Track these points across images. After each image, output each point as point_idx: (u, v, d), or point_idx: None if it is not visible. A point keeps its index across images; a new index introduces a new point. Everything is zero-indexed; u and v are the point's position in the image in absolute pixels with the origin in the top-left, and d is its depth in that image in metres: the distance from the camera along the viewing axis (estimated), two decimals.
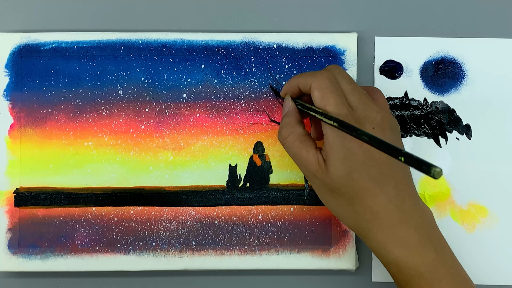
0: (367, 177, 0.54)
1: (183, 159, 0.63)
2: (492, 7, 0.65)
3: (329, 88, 0.55)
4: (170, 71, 0.64)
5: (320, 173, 0.55)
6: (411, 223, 0.54)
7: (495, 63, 0.65)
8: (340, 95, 0.55)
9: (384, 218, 0.54)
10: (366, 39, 0.65)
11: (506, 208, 0.64)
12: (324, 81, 0.55)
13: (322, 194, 0.57)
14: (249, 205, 0.63)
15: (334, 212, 0.57)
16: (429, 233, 0.55)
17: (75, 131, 0.63)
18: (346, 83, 0.56)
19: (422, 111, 0.64)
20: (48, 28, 0.64)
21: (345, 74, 0.57)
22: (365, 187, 0.54)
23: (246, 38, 0.64)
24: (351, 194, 0.55)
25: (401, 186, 0.55)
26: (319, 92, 0.55)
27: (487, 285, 0.63)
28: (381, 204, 0.54)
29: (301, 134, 0.57)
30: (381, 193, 0.54)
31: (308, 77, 0.57)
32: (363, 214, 0.55)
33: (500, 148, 0.64)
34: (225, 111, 0.64)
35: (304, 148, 0.56)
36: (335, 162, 0.54)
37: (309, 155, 0.56)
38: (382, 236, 0.54)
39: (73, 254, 0.62)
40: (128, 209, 0.63)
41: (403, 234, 0.54)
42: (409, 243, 0.54)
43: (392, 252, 0.54)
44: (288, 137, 0.57)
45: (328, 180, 0.55)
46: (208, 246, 0.63)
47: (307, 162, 0.56)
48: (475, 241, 0.64)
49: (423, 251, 0.54)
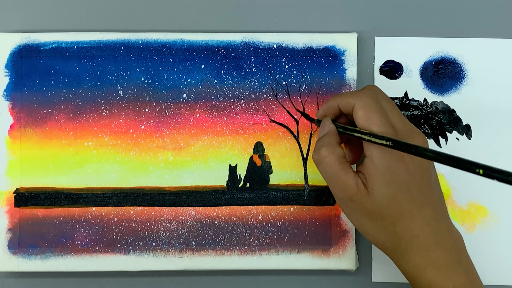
0: (410, 199, 0.53)
1: (183, 159, 0.63)
2: (492, 7, 0.65)
3: (374, 107, 0.54)
4: (170, 71, 0.64)
5: (359, 197, 0.54)
6: (445, 246, 0.54)
7: (495, 63, 0.65)
8: (384, 115, 0.54)
9: (422, 240, 0.54)
10: (366, 39, 0.65)
11: (506, 208, 0.64)
12: (368, 100, 0.54)
13: (357, 217, 0.56)
14: (249, 205, 0.63)
15: (369, 235, 0.56)
16: (460, 257, 0.55)
17: (75, 131, 0.63)
18: (387, 102, 0.55)
19: (422, 111, 0.64)
20: (48, 28, 0.64)
21: (384, 94, 0.56)
22: (407, 208, 0.53)
23: (246, 38, 0.64)
24: (393, 217, 0.54)
25: (438, 208, 0.55)
26: (363, 112, 0.54)
27: (487, 285, 0.63)
28: (420, 226, 0.54)
29: (341, 155, 0.55)
30: (420, 215, 0.54)
31: (350, 97, 0.55)
32: (403, 236, 0.54)
33: (500, 148, 0.64)
34: (225, 111, 0.64)
35: (343, 170, 0.54)
36: (380, 184, 0.53)
37: (348, 177, 0.54)
38: (419, 258, 0.54)
39: (73, 254, 0.62)
40: (128, 209, 0.63)
41: (437, 257, 0.54)
42: (443, 266, 0.54)
43: (427, 274, 0.54)
44: (327, 157, 0.55)
45: (369, 204, 0.54)
46: (208, 246, 0.63)
47: (344, 185, 0.54)
48: (475, 241, 0.64)
49: (454, 275, 0.54)
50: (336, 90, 0.63)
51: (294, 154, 0.63)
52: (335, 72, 0.63)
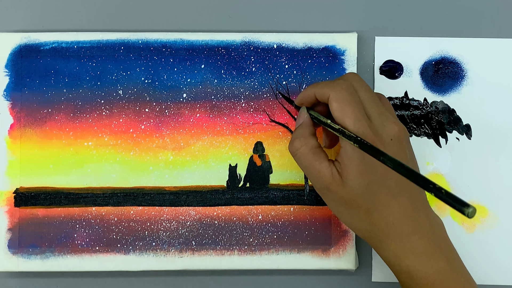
0: (384, 188, 0.54)
1: (183, 159, 0.63)
2: (492, 7, 0.65)
3: (348, 99, 0.54)
4: (170, 71, 0.64)
5: (334, 186, 0.55)
6: (424, 233, 0.54)
7: (495, 63, 0.65)
8: (359, 107, 0.54)
9: (398, 228, 0.54)
10: (366, 39, 0.65)
11: (506, 208, 0.64)
12: (343, 92, 0.55)
13: (335, 206, 0.57)
14: (249, 205, 0.63)
15: (348, 224, 0.57)
16: (440, 243, 0.55)
17: (75, 131, 0.63)
18: (364, 92, 0.56)
19: (422, 111, 0.64)
20: (48, 28, 0.64)
21: (363, 83, 0.56)
22: (381, 198, 0.54)
23: (246, 38, 0.64)
24: (368, 206, 0.54)
25: (415, 197, 0.55)
26: (337, 104, 0.54)
27: (487, 285, 0.63)
28: (396, 215, 0.54)
29: (314, 146, 0.56)
30: (396, 204, 0.54)
31: (326, 87, 0.56)
32: (379, 224, 0.54)
33: (500, 148, 0.64)
34: (225, 111, 0.64)
35: (317, 160, 0.55)
36: (354, 175, 0.54)
37: (323, 167, 0.55)
38: (396, 246, 0.54)
39: (73, 254, 0.62)
40: (128, 209, 0.63)
41: (416, 244, 0.54)
42: (422, 253, 0.54)
43: (405, 261, 0.54)
44: (300, 148, 0.56)
45: (344, 193, 0.54)
46: (208, 246, 0.63)
47: (320, 174, 0.55)
48: (475, 241, 0.64)
49: (435, 261, 0.54)
50: None
51: None
52: (335, 72, 0.63)
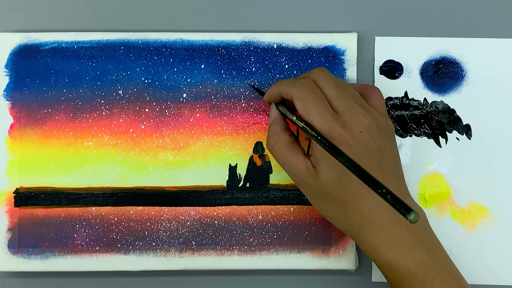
0: (356, 180, 0.53)
1: (183, 159, 0.63)
2: (492, 7, 0.65)
3: (310, 97, 0.55)
4: (170, 71, 0.64)
5: (310, 179, 0.55)
6: (403, 224, 0.54)
7: (495, 63, 0.65)
8: (322, 103, 0.55)
9: (374, 220, 0.54)
10: (366, 39, 0.65)
11: (506, 208, 0.64)
12: (304, 91, 0.55)
13: (313, 199, 0.57)
14: (249, 205, 0.63)
15: (326, 216, 0.58)
16: (421, 234, 0.55)
17: (75, 131, 0.63)
18: (331, 88, 0.56)
19: (422, 111, 0.64)
20: (48, 28, 0.64)
21: (330, 79, 0.56)
22: (354, 190, 0.54)
23: (246, 38, 0.64)
24: (341, 198, 0.55)
25: (391, 188, 0.54)
26: (300, 102, 0.55)
27: (487, 285, 0.63)
28: (371, 207, 0.54)
29: (288, 141, 0.57)
30: (371, 196, 0.54)
31: (288, 87, 0.56)
32: (354, 217, 0.55)
33: (500, 148, 0.64)
34: (225, 111, 0.64)
35: (292, 155, 0.56)
36: (326, 167, 0.54)
37: (298, 161, 0.56)
38: (374, 238, 0.54)
39: (73, 254, 0.62)
40: (128, 209, 0.63)
41: (394, 235, 0.54)
42: (401, 244, 0.54)
43: (384, 253, 0.54)
44: (275, 145, 0.57)
45: (318, 186, 0.55)
46: (208, 246, 0.63)
47: (295, 169, 0.56)
48: (475, 241, 0.64)
49: (415, 252, 0.54)
50: None
51: None
52: (335, 72, 0.63)
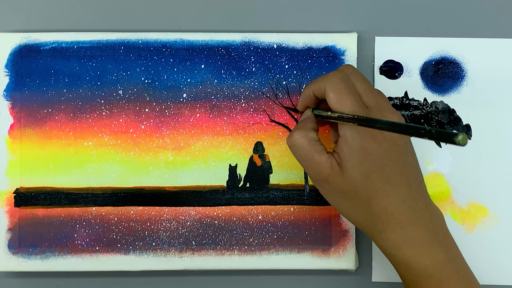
0: (383, 177, 0.54)
1: (183, 159, 0.63)
2: (492, 7, 0.65)
3: (344, 89, 0.55)
4: (170, 71, 0.64)
5: (334, 176, 0.54)
6: (422, 224, 0.54)
7: (495, 63, 0.65)
8: (355, 95, 0.55)
9: (397, 218, 0.54)
10: (366, 39, 0.65)
11: (506, 208, 0.64)
12: (338, 82, 0.55)
13: (334, 198, 0.56)
14: (249, 205, 0.63)
15: (347, 215, 0.57)
16: (439, 234, 0.55)
17: (75, 131, 0.63)
18: (361, 83, 0.56)
19: (422, 111, 0.64)
20: (48, 28, 0.64)
21: (359, 74, 0.57)
22: (380, 187, 0.54)
23: (246, 38, 0.64)
24: (368, 195, 0.54)
25: (414, 186, 0.55)
26: (334, 94, 0.55)
27: (487, 285, 0.63)
28: (395, 204, 0.54)
29: (313, 138, 0.56)
30: (395, 193, 0.54)
31: (321, 81, 0.56)
32: (379, 214, 0.54)
33: (500, 148, 0.64)
34: (225, 111, 0.64)
35: (317, 152, 0.55)
36: (354, 163, 0.54)
37: (322, 158, 0.55)
38: (396, 236, 0.54)
39: (73, 254, 0.62)
40: (128, 209, 0.63)
41: (414, 234, 0.54)
42: (420, 243, 0.54)
43: (403, 252, 0.54)
44: (299, 140, 0.55)
45: (343, 183, 0.54)
46: (208, 246, 0.63)
47: (318, 166, 0.55)
48: (475, 241, 0.64)
49: (433, 252, 0.54)
50: None
51: None
52: None
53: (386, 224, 0.54)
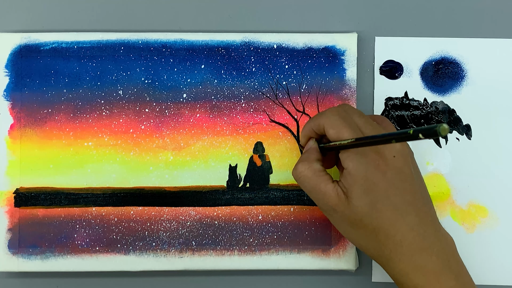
0: (390, 206, 0.54)
1: (183, 159, 0.63)
2: (492, 7, 0.65)
3: (342, 124, 0.55)
4: (170, 71, 0.64)
5: (341, 206, 0.55)
6: (433, 250, 0.54)
7: (495, 63, 0.65)
8: (354, 128, 0.55)
9: (406, 246, 0.54)
10: (366, 39, 0.65)
11: (506, 208, 0.64)
12: (336, 118, 0.56)
13: (342, 226, 0.56)
14: (249, 205, 0.63)
15: (355, 243, 0.57)
16: (449, 260, 0.55)
17: (75, 131, 0.63)
18: (358, 117, 0.56)
19: (422, 111, 0.64)
20: (48, 28, 0.64)
21: (355, 109, 0.57)
22: (387, 216, 0.54)
23: (246, 38, 0.64)
24: (374, 225, 0.54)
25: (423, 213, 0.55)
26: (333, 130, 0.55)
27: (487, 285, 0.63)
28: (404, 233, 0.54)
29: (318, 169, 0.56)
30: (403, 221, 0.54)
31: (319, 118, 0.57)
32: (386, 243, 0.54)
33: (500, 148, 0.64)
34: (225, 111, 0.64)
35: (322, 182, 0.55)
36: (359, 193, 0.54)
37: (328, 188, 0.55)
38: (404, 264, 0.54)
39: (73, 254, 0.62)
40: (128, 209, 0.63)
41: (424, 262, 0.54)
42: (430, 271, 0.54)
43: (413, 280, 0.54)
44: (303, 172, 0.56)
45: (350, 213, 0.54)
46: (208, 246, 0.63)
47: (325, 196, 0.55)
48: (475, 241, 0.64)
49: (443, 279, 0.54)
50: (336, 90, 0.63)
51: (294, 154, 0.63)
52: (335, 72, 0.64)
53: (393, 252, 0.54)
